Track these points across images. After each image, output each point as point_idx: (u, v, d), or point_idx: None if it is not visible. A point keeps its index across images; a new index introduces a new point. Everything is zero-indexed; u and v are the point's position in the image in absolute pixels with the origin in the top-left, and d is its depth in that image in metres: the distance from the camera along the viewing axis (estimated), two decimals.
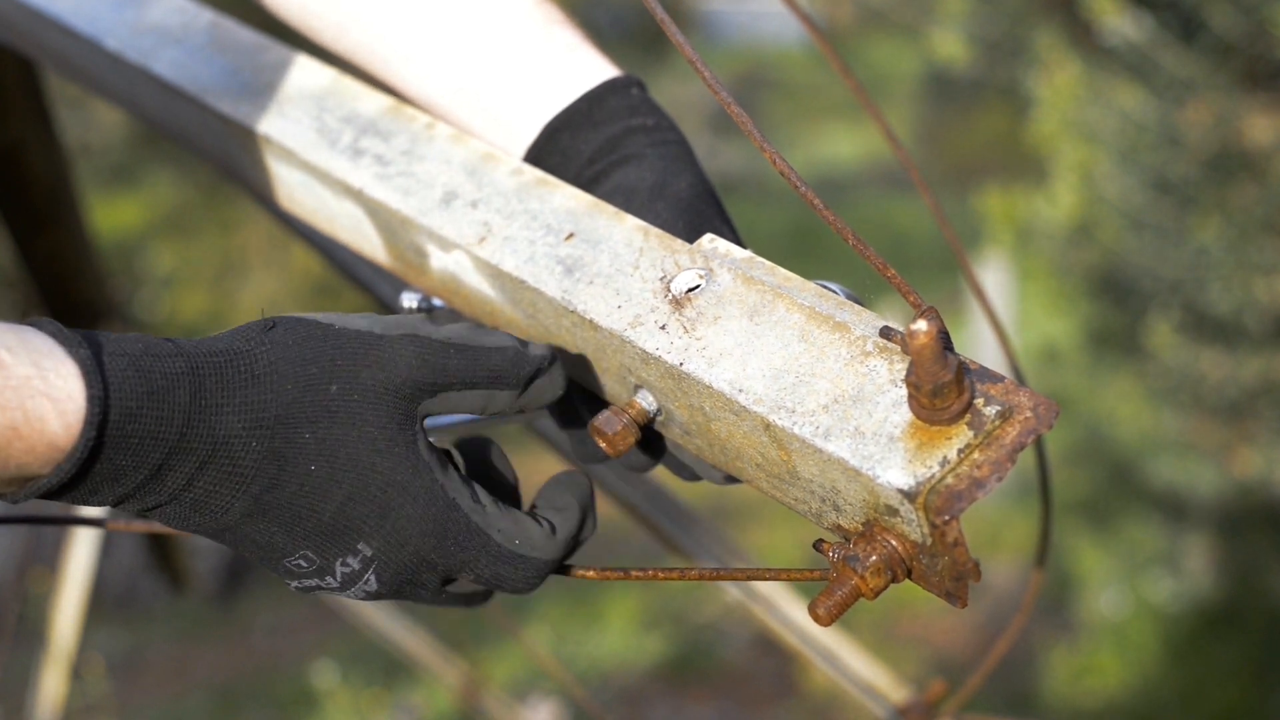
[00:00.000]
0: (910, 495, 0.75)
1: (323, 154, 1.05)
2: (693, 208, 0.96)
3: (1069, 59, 3.95)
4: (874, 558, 0.79)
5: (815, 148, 11.24)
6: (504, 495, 0.89)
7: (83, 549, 2.89)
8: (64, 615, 2.88)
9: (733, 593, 1.59)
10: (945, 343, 0.76)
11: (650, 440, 0.95)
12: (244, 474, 0.77)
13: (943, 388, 0.75)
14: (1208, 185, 3.67)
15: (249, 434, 0.77)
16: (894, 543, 0.79)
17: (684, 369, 0.85)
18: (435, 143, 1.03)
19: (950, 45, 4.41)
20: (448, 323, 0.87)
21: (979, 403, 0.77)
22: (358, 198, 1.03)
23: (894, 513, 0.77)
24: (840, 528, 0.83)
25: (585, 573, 0.89)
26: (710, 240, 0.91)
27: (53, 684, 2.86)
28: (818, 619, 0.80)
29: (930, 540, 0.77)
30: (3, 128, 2.08)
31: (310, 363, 0.79)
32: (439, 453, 0.84)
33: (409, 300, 1.05)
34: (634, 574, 0.89)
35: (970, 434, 0.76)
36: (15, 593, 3.20)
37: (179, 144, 1.29)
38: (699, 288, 0.88)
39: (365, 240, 1.08)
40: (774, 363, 0.83)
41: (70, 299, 2.42)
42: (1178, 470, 4.38)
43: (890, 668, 1.56)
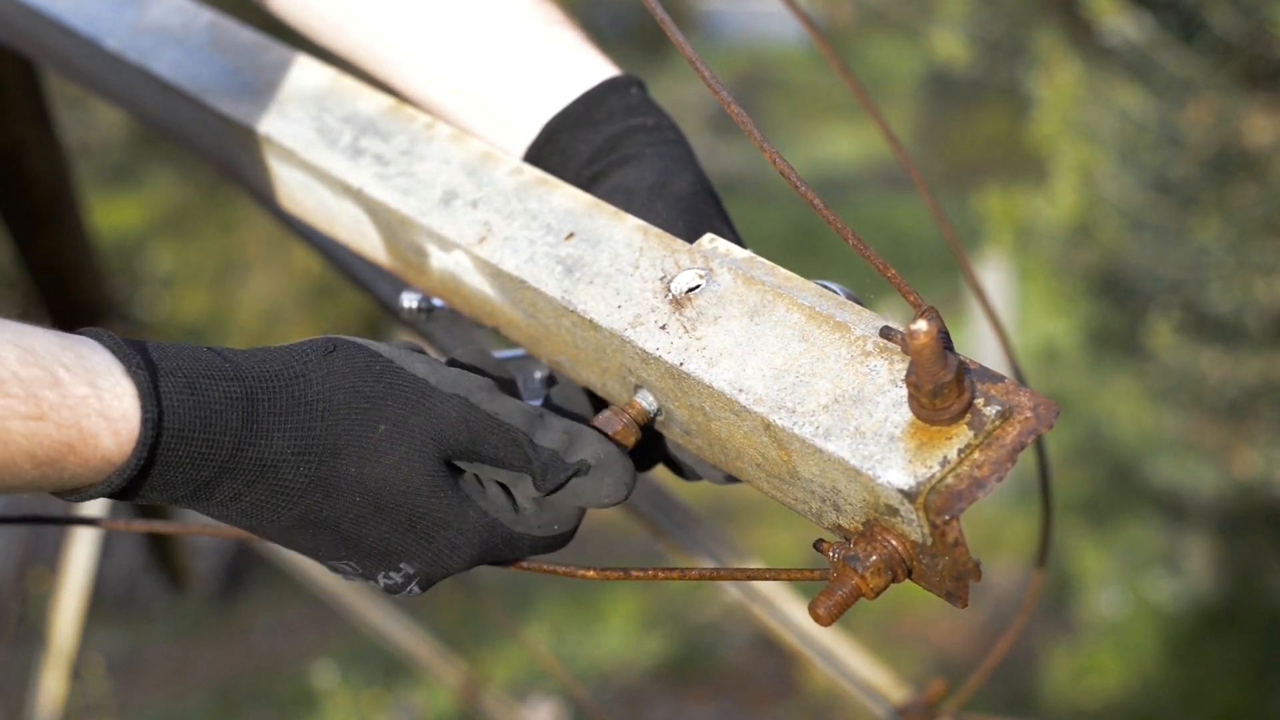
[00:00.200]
0: (910, 495, 0.75)
1: (322, 154, 1.05)
2: (693, 207, 0.97)
3: (1069, 59, 3.95)
4: (874, 558, 0.79)
5: (815, 148, 11.24)
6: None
7: (83, 549, 2.88)
8: (64, 615, 2.87)
9: (733, 593, 1.59)
10: (945, 343, 0.76)
11: (650, 440, 0.95)
12: (291, 494, 0.80)
13: (943, 388, 0.75)
14: (1208, 185, 3.67)
15: (298, 459, 0.79)
16: (894, 543, 0.79)
17: (684, 369, 0.85)
18: (435, 142, 1.03)
19: (950, 45, 4.40)
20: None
21: (979, 403, 0.77)
22: (357, 197, 1.03)
23: (894, 513, 0.77)
24: (840, 528, 0.83)
25: (585, 573, 0.89)
26: (710, 240, 0.91)
27: (53, 684, 2.86)
28: (818, 619, 0.80)
29: (931, 540, 0.77)
30: (3, 128, 2.08)
31: (363, 398, 0.81)
32: (479, 475, 0.86)
33: (409, 300, 1.05)
34: (634, 574, 0.89)
35: (970, 434, 0.76)
36: (15, 593, 3.20)
37: (179, 144, 1.28)
38: (699, 288, 0.88)
39: (365, 240, 1.08)
40: (774, 363, 0.83)
41: (70, 299, 2.42)
42: (1178, 470, 4.38)
43: (890, 668, 1.56)
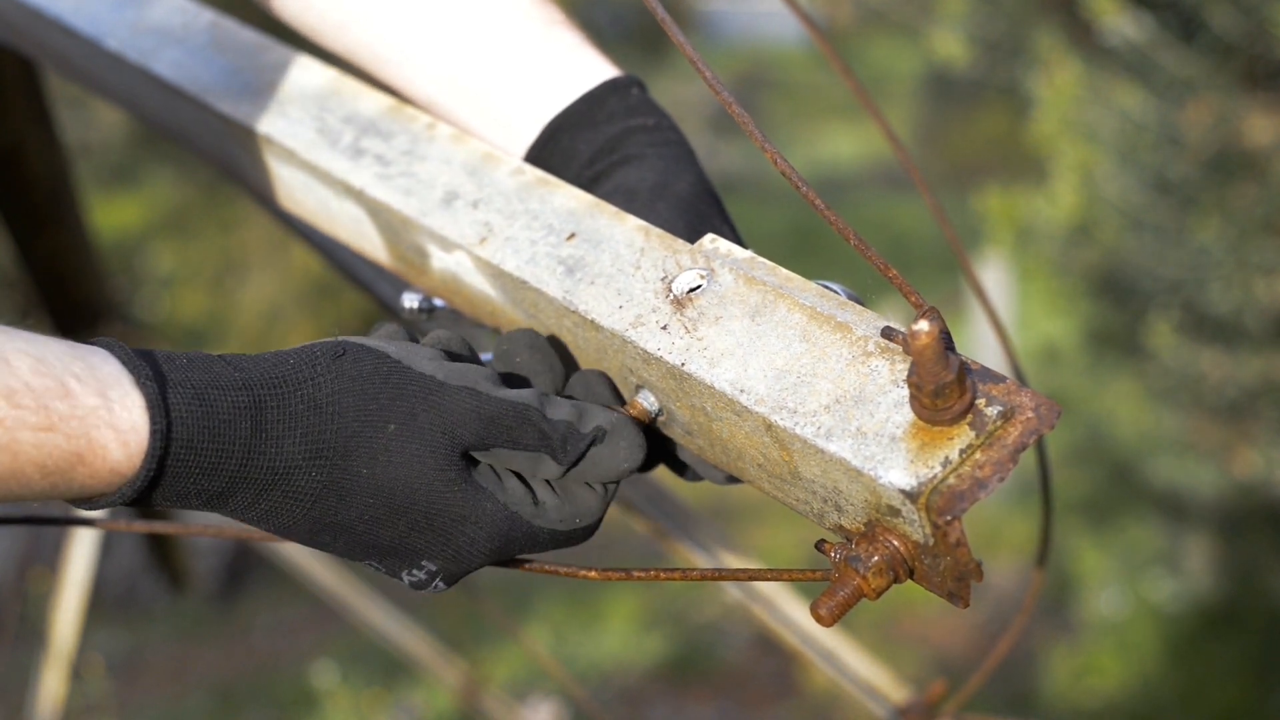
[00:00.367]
0: (912, 496, 0.75)
1: (323, 154, 1.05)
2: (694, 208, 0.97)
3: (1069, 59, 3.95)
4: (876, 558, 0.79)
5: (815, 148, 11.24)
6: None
7: (83, 549, 2.88)
8: (64, 615, 2.87)
9: (733, 593, 1.59)
10: (947, 343, 0.76)
11: (652, 440, 0.94)
12: (304, 499, 0.80)
13: (945, 388, 0.75)
14: (1208, 185, 3.67)
15: (309, 464, 0.79)
16: (896, 543, 0.79)
17: (686, 369, 0.85)
18: (436, 143, 1.03)
19: (950, 45, 4.40)
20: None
21: (981, 403, 0.77)
22: (358, 198, 1.03)
23: (896, 513, 0.77)
24: (842, 528, 0.83)
25: (586, 573, 0.89)
26: (711, 240, 0.91)
27: (53, 684, 2.86)
28: (820, 619, 0.80)
29: (932, 540, 0.77)
30: (3, 128, 2.08)
31: (372, 399, 0.81)
32: (498, 466, 0.86)
33: (410, 300, 1.05)
34: (635, 574, 0.89)
35: (972, 434, 0.76)
36: (15, 593, 3.20)
37: (179, 144, 1.28)
38: (700, 288, 0.88)
39: (366, 240, 1.08)
40: (776, 363, 0.83)
41: (70, 299, 2.42)
42: (1178, 470, 4.38)
43: (890, 668, 1.56)
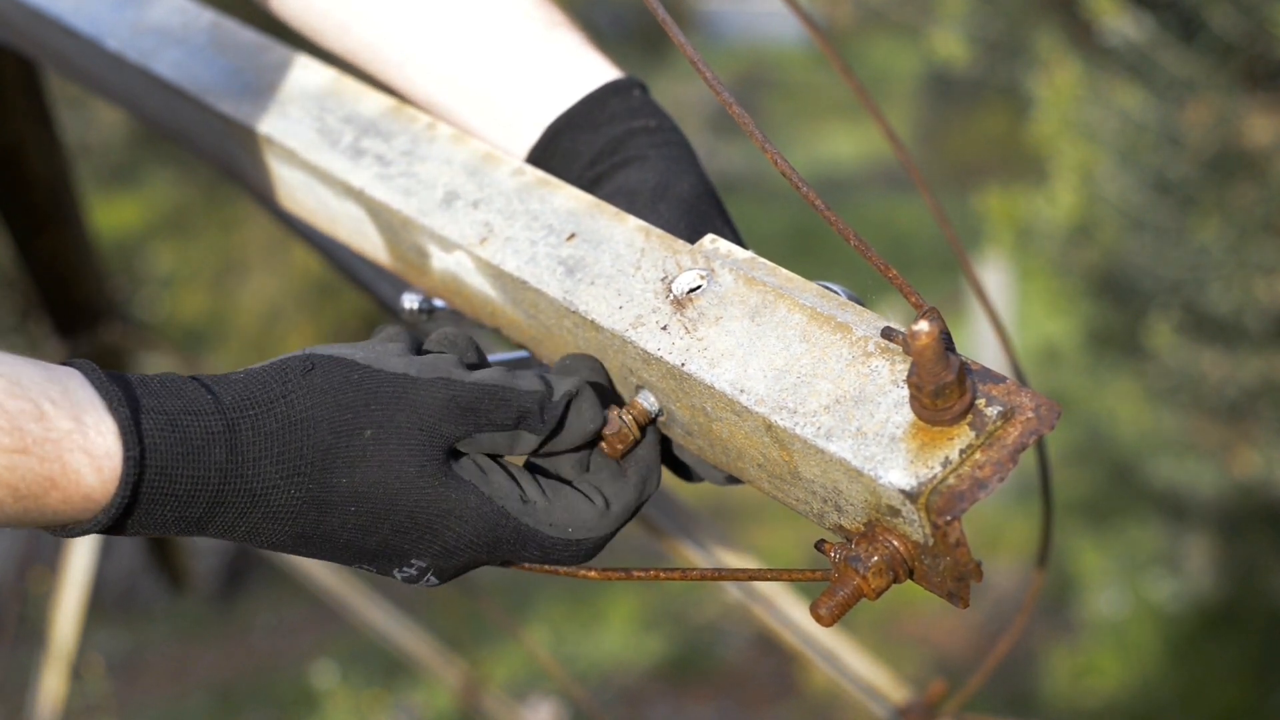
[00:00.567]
0: (912, 496, 0.75)
1: (324, 154, 1.05)
2: (694, 209, 0.97)
3: (1069, 59, 3.95)
4: (876, 558, 0.79)
5: (815, 148, 11.24)
6: None
7: (83, 549, 2.88)
8: (64, 615, 2.87)
9: (733, 593, 1.59)
10: (947, 343, 0.76)
11: (662, 447, 0.94)
12: (285, 516, 0.80)
13: (945, 388, 0.75)
14: (1208, 185, 3.67)
15: (287, 482, 0.79)
16: (896, 543, 0.79)
17: (686, 369, 0.85)
18: (436, 143, 1.03)
19: (950, 45, 4.40)
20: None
21: (981, 403, 0.77)
22: (359, 198, 1.03)
23: (896, 513, 0.77)
24: (842, 528, 0.83)
25: (586, 573, 0.89)
26: (711, 241, 0.91)
27: (53, 684, 2.86)
28: (820, 619, 0.80)
29: (932, 541, 0.77)
30: (3, 128, 2.08)
31: (345, 408, 0.81)
32: (482, 460, 0.85)
33: (410, 301, 1.05)
34: (635, 574, 0.89)
35: (972, 434, 0.76)
36: (15, 593, 3.19)
37: (179, 144, 1.28)
38: (700, 288, 0.88)
39: (366, 241, 1.08)
40: (776, 363, 0.83)
41: (70, 299, 2.42)
42: (1178, 470, 4.38)
43: (891, 668, 1.56)
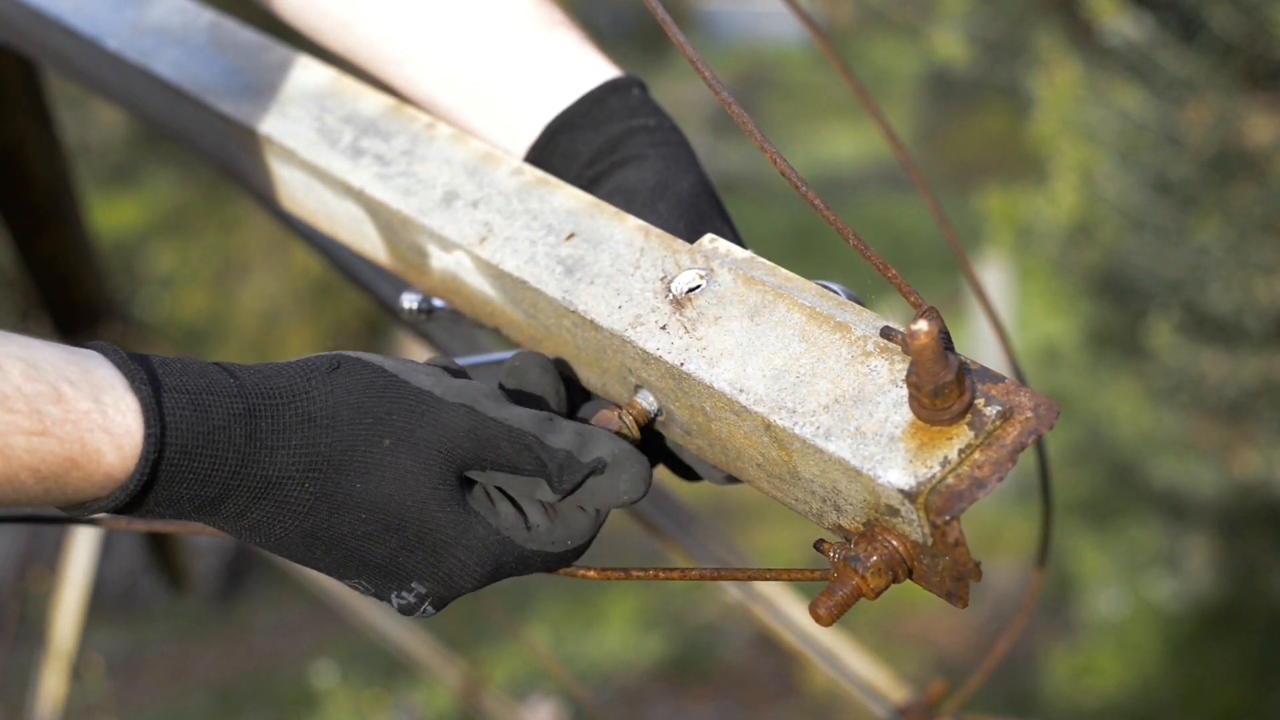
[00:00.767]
0: (911, 495, 0.75)
1: (323, 154, 1.05)
2: (694, 208, 0.97)
3: (1069, 59, 3.95)
4: (875, 558, 0.79)
5: (815, 148, 11.23)
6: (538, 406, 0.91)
7: (83, 549, 2.88)
8: (64, 615, 2.87)
9: (733, 593, 1.59)
10: (946, 343, 0.76)
11: (651, 440, 0.94)
12: (296, 510, 0.80)
13: (944, 388, 0.75)
14: (1208, 185, 3.67)
15: (302, 475, 0.79)
16: (895, 543, 0.79)
17: (685, 369, 0.85)
18: (436, 143, 1.03)
19: (950, 45, 4.40)
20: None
21: (980, 403, 0.77)
22: (358, 198, 1.03)
23: (895, 513, 0.77)
24: (841, 528, 0.83)
25: (586, 573, 0.89)
26: (711, 240, 0.91)
27: (53, 684, 2.86)
28: (819, 619, 0.80)
29: (931, 540, 0.77)
30: (3, 128, 2.08)
31: (367, 413, 0.81)
32: (491, 490, 0.85)
33: (409, 301, 1.05)
34: (635, 574, 0.89)
35: (971, 434, 0.76)
36: (15, 593, 3.20)
37: (179, 144, 1.28)
38: (700, 288, 0.88)
39: (366, 240, 1.08)
40: (775, 363, 0.83)
41: (70, 299, 2.42)
42: (1178, 470, 4.38)
43: (890, 668, 1.56)
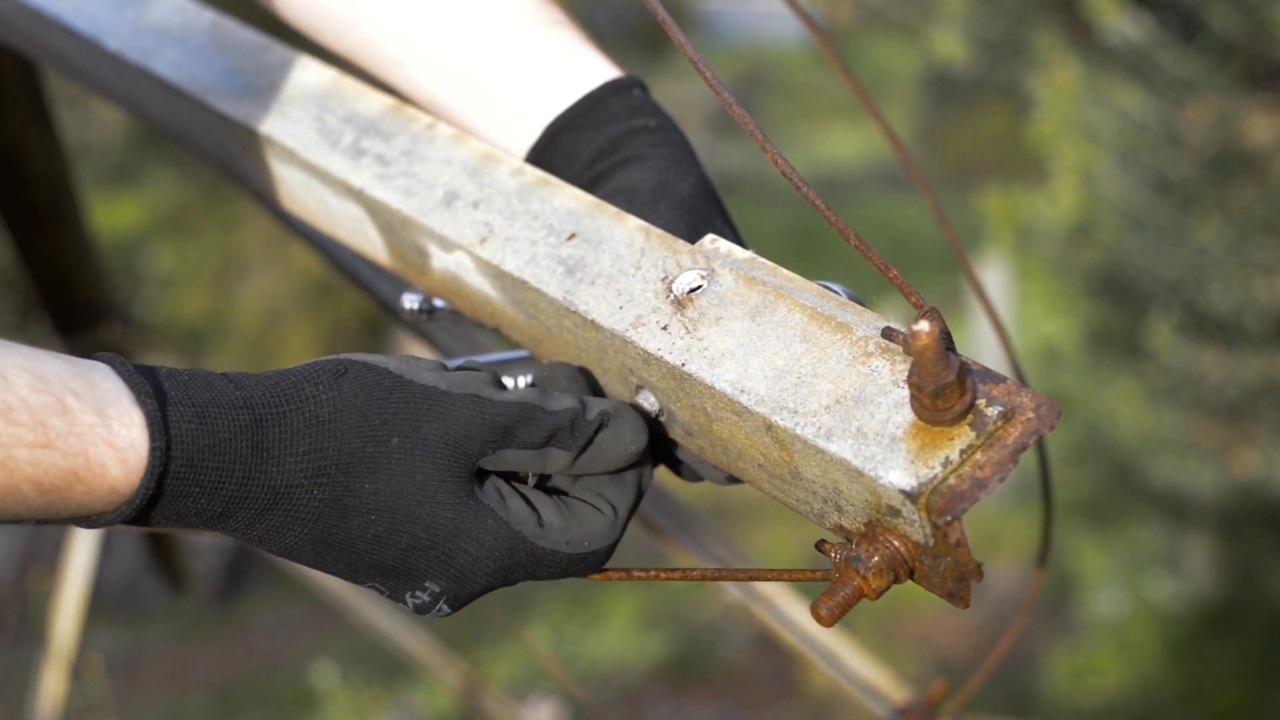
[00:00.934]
0: (912, 496, 0.75)
1: (324, 154, 1.05)
2: (694, 208, 0.97)
3: (1069, 59, 3.95)
4: (876, 558, 0.79)
5: (815, 148, 11.23)
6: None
7: (83, 549, 2.88)
8: (64, 615, 2.87)
9: (733, 593, 1.59)
10: (947, 343, 0.76)
11: (652, 440, 0.94)
12: (306, 517, 0.80)
13: (945, 388, 0.75)
14: (1208, 185, 3.67)
15: (311, 482, 0.79)
16: (896, 543, 0.79)
17: (686, 370, 0.85)
18: (436, 143, 1.03)
19: (950, 45, 4.40)
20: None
21: (981, 403, 0.77)
22: (359, 198, 1.03)
23: (896, 513, 0.77)
24: (842, 528, 0.83)
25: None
26: (712, 241, 0.91)
27: (53, 684, 2.86)
28: (820, 620, 0.80)
29: (933, 541, 0.77)
30: (3, 128, 2.08)
31: (374, 414, 0.81)
32: (502, 485, 0.85)
33: (410, 301, 1.05)
34: (636, 574, 0.89)
35: (972, 434, 0.76)
36: (15, 593, 3.20)
37: (179, 144, 1.28)
38: (701, 288, 0.88)
39: (366, 240, 1.08)
40: (776, 363, 0.83)
41: (70, 299, 2.42)
42: (1178, 470, 4.38)
43: (891, 668, 1.56)
